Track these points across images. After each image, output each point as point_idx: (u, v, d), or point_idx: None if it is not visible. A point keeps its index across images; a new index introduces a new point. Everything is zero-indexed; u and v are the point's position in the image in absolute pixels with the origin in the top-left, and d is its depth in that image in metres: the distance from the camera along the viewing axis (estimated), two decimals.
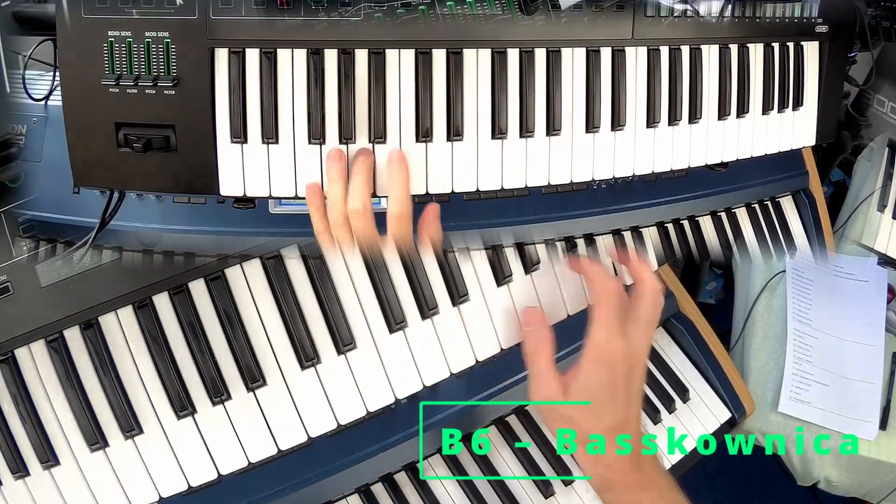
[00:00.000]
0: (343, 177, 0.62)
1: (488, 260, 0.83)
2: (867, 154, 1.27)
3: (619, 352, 0.63)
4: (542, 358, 0.65)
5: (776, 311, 1.13)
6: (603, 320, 0.64)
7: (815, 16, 0.82)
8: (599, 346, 0.63)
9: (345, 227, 0.62)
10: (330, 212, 0.62)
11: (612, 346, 0.63)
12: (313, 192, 0.63)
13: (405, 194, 0.63)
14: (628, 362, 0.63)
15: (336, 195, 0.62)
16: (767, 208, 1.12)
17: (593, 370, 0.63)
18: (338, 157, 0.62)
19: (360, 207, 0.61)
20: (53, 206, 0.74)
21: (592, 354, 0.63)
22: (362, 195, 0.61)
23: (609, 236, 0.93)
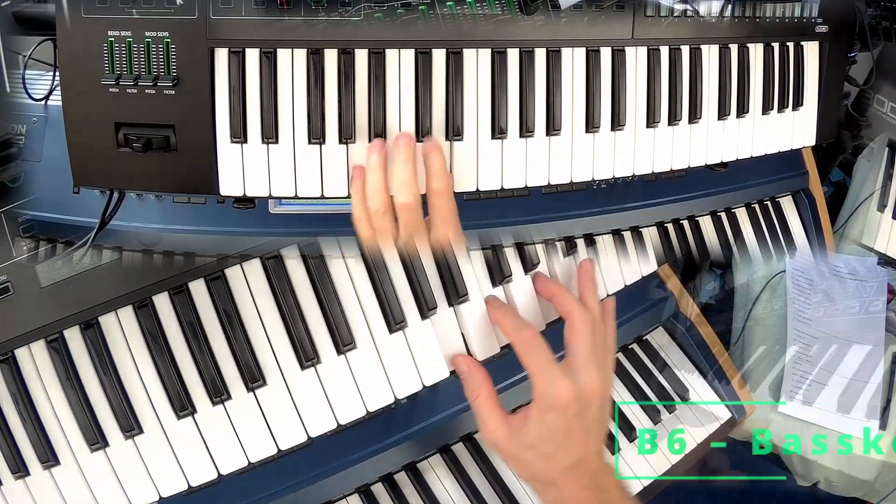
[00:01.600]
0: (384, 165, 0.60)
1: (487, 260, 0.82)
2: (867, 154, 1.27)
3: (566, 394, 0.61)
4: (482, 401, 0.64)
5: (776, 311, 1.13)
6: (536, 369, 0.62)
7: (815, 16, 0.82)
8: (544, 395, 0.61)
9: (387, 218, 0.60)
10: (371, 202, 0.60)
11: (558, 390, 0.61)
12: (359, 174, 0.61)
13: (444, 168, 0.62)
14: (582, 400, 0.61)
15: (378, 183, 0.60)
16: (767, 208, 1.12)
17: (542, 418, 0.61)
18: (380, 147, 0.60)
19: (412, 200, 0.60)
20: (53, 206, 0.74)
21: (540, 405, 0.61)
22: (411, 187, 0.60)
23: (609, 236, 0.93)
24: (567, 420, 0.61)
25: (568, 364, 0.63)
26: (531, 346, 0.63)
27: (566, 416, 0.61)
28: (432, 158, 0.61)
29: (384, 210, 0.60)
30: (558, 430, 0.61)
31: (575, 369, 0.62)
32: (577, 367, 0.62)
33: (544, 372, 0.61)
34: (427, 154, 0.62)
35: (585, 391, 0.61)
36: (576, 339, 0.64)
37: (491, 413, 0.63)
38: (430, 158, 0.61)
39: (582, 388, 0.61)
